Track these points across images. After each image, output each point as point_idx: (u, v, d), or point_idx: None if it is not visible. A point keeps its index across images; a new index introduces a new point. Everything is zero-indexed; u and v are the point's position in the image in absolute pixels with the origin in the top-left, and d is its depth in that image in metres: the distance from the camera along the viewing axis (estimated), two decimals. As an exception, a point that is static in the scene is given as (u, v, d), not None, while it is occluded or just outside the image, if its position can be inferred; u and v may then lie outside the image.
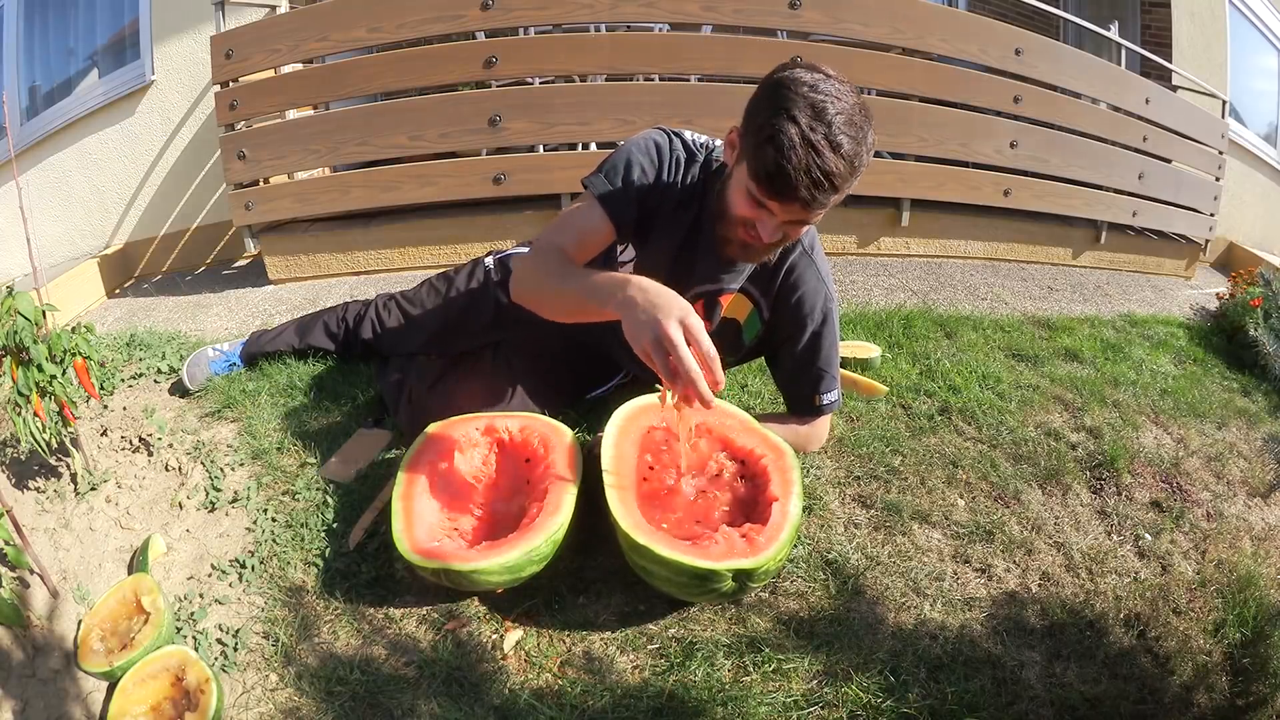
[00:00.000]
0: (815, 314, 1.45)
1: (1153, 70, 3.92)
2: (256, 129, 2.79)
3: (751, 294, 1.48)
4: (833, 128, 1.10)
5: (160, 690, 1.22)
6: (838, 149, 1.10)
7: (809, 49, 2.84)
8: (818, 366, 1.49)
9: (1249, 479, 1.91)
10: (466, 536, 1.36)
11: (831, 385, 1.51)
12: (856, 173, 1.16)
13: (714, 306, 1.50)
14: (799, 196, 1.13)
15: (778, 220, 1.21)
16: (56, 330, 1.48)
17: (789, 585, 1.37)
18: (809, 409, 1.53)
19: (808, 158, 1.10)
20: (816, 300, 1.44)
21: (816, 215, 1.21)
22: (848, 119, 1.12)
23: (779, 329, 1.50)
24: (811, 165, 1.10)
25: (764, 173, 1.14)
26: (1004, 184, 3.14)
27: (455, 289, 1.80)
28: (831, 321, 1.47)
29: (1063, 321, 2.60)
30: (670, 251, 1.45)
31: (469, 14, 2.64)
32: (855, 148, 1.12)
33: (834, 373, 1.51)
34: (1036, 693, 1.23)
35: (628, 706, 1.16)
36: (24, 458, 1.64)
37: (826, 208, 1.19)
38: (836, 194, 1.16)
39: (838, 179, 1.12)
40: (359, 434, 1.72)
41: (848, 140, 1.11)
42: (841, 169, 1.12)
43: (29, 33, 3.35)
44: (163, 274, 3.26)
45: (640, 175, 1.38)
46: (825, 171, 1.11)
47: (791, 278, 1.44)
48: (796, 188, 1.12)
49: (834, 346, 1.49)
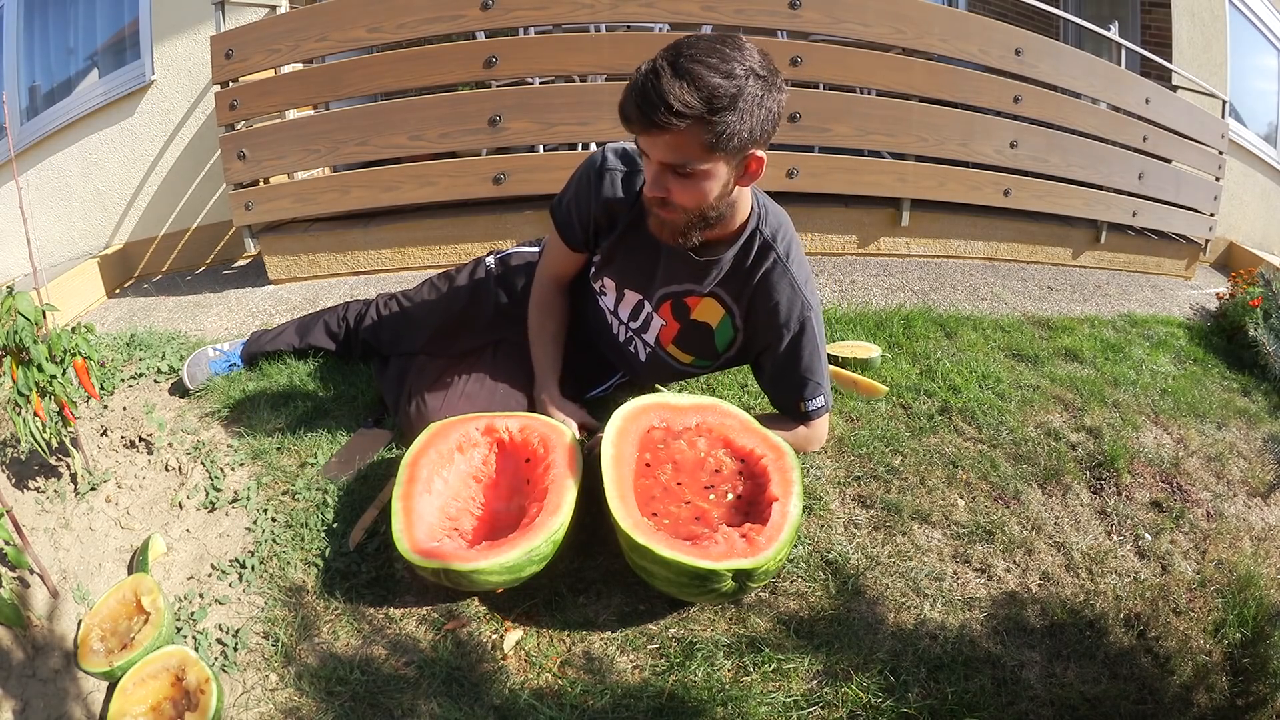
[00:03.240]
0: (792, 323, 1.44)
1: (1153, 70, 3.92)
2: (256, 129, 2.79)
3: (723, 300, 1.47)
4: (680, 58, 1.14)
5: (160, 690, 1.22)
6: (679, 70, 1.12)
7: (809, 49, 2.84)
8: (799, 374, 1.48)
9: (1249, 479, 1.91)
10: (466, 536, 1.36)
11: (816, 392, 1.50)
12: (714, 101, 1.13)
13: (682, 309, 1.50)
14: (629, 112, 1.17)
15: (652, 165, 1.24)
16: (56, 330, 1.49)
17: (789, 585, 1.37)
18: (795, 415, 1.54)
19: (644, 77, 1.15)
20: (792, 310, 1.43)
21: (675, 149, 1.18)
22: (708, 51, 1.14)
23: (756, 337, 1.50)
24: (646, 82, 1.14)
25: None
26: (1004, 184, 3.14)
27: (455, 286, 1.80)
28: (811, 330, 1.46)
29: (1063, 321, 2.60)
30: (634, 258, 1.49)
31: (469, 14, 2.64)
32: (707, 73, 1.12)
33: (818, 379, 1.50)
34: (1036, 693, 1.23)
35: (628, 706, 1.16)
36: (24, 458, 1.64)
37: (674, 135, 1.16)
38: (674, 116, 1.13)
39: (671, 96, 1.12)
40: (359, 434, 1.72)
41: (698, 66, 1.12)
42: (675, 88, 1.12)
43: (29, 33, 3.35)
44: (163, 274, 3.26)
45: (573, 200, 1.50)
46: (656, 88, 1.13)
47: (765, 286, 1.43)
48: (625, 104, 1.17)
49: (815, 354, 1.48)
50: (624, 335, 1.64)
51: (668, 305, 1.51)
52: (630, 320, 1.60)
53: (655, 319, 1.55)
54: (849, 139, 2.90)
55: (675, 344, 1.57)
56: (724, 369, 1.70)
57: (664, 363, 1.62)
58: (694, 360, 1.60)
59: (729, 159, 1.21)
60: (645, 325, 1.58)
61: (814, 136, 2.86)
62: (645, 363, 1.65)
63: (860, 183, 2.97)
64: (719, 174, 1.23)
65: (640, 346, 1.62)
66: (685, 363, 1.61)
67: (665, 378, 1.70)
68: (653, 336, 1.58)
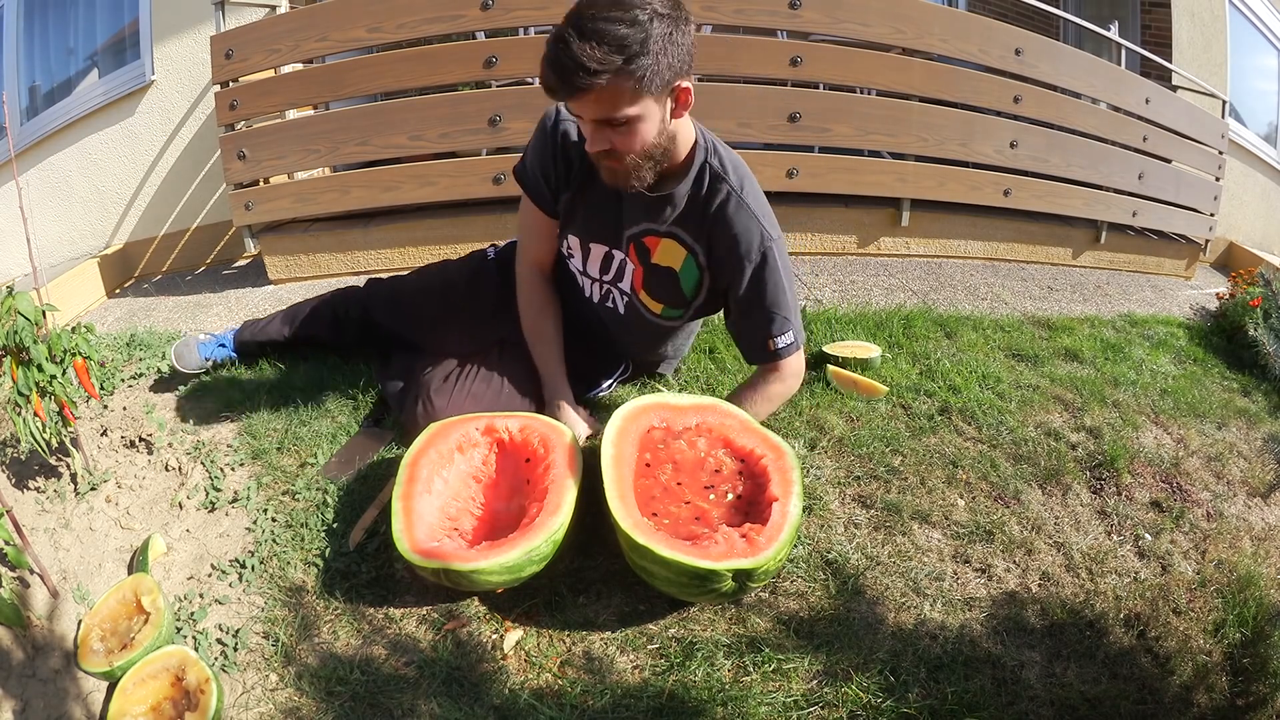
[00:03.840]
0: (753, 253, 1.44)
1: (1153, 70, 3.92)
2: (256, 129, 2.79)
3: (684, 240, 1.48)
4: (584, 17, 1.19)
5: (160, 690, 1.22)
6: (583, 33, 1.17)
7: (809, 49, 2.84)
8: (765, 308, 1.47)
9: (1249, 479, 1.91)
10: (466, 536, 1.36)
11: (785, 327, 1.48)
12: (626, 51, 1.18)
13: (644, 250, 1.51)
14: (549, 84, 1.22)
15: (587, 124, 1.30)
16: (56, 330, 1.49)
17: (789, 585, 1.37)
18: (765, 355, 1.51)
19: (553, 48, 1.20)
20: (751, 240, 1.43)
21: (604, 105, 1.24)
22: (608, 6, 1.19)
23: (721, 275, 1.49)
24: (556, 52, 1.19)
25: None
26: (1004, 184, 3.14)
27: (450, 261, 1.89)
28: (773, 260, 1.45)
29: (1063, 321, 2.60)
30: (595, 211, 1.52)
31: (469, 14, 2.64)
32: (611, 27, 1.17)
33: (785, 314, 1.48)
34: (1036, 693, 1.23)
35: (628, 706, 1.16)
36: (24, 458, 1.64)
37: (600, 93, 1.21)
38: (592, 76, 1.19)
39: (584, 58, 1.17)
40: (359, 434, 1.72)
41: (601, 23, 1.17)
42: (585, 50, 1.17)
43: (29, 33, 3.35)
44: (163, 274, 3.26)
45: (535, 160, 1.55)
46: (568, 55, 1.18)
47: (722, 218, 1.44)
48: (545, 78, 1.22)
49: (780, 287, 1.46)
50: (599, 292, 1.65)
51: (632, 248, 1.53)
52: (602, 274, 1.61)
53: (627, 264, 1.56)
54: (849, 139, 2.90)
55: (645, 290, 1.57)
56: (698, 317, 1.67)
57: (641, 314, 1.62)
58: (664, 310, 1.59)
59: (657, 97, 1.27)
60: (620, 273, 1.59)
61: (814, 136, 2.86)
62: (625, 315, 1.65)
63: (860, 183, 2.97)
64: (652, 114, 1.29)
65: (618, 297, 1.63)
66: (656, 312, 1.60)
67: (646, 336, 1.70)
68: (628, 284, 1.59)
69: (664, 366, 1.90)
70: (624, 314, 1.65)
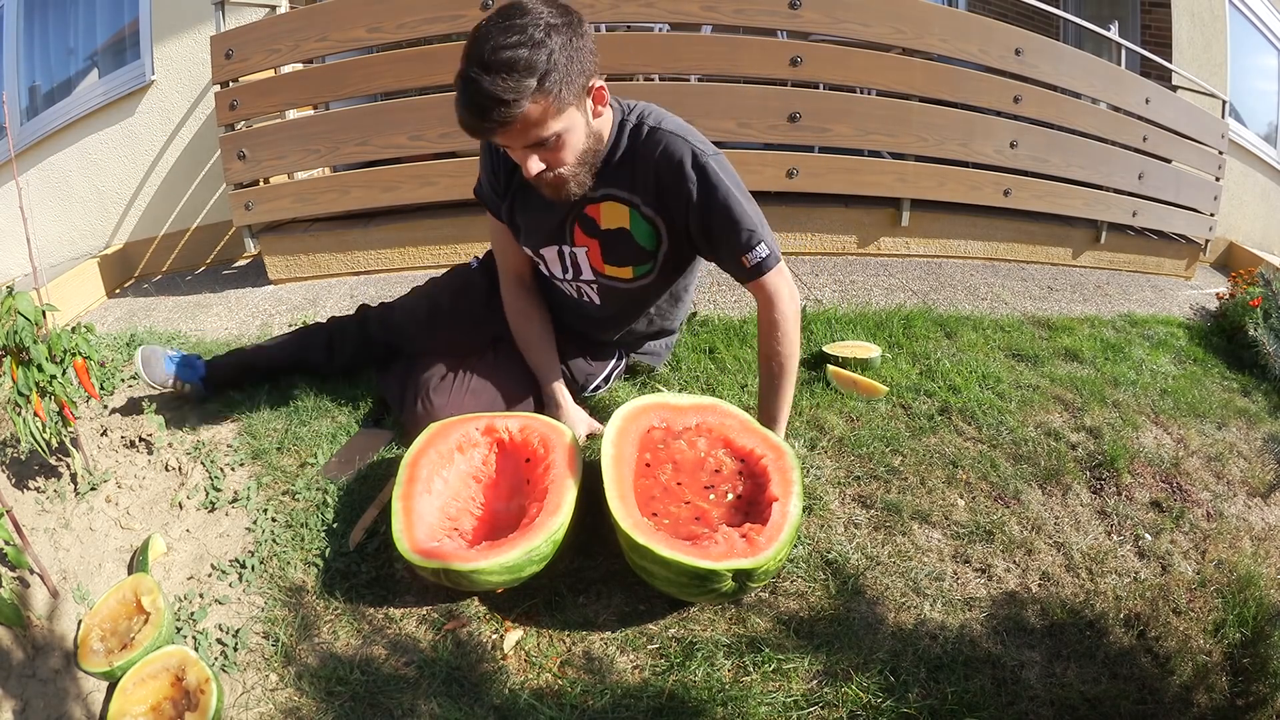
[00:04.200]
0: (687, 170, 1.39)
1: (1153, 70, 3.92)
2: (256, 129, 2.79)
3: (619, 196, 1.46)
4: (484, 53, 1.18)
5: (160, 690, 1.22)
6: (488, 68, 1.17)
7: (809, 49, 2.84)
8: (726, 227, 1.41)
9: (1249, 479, 1.91)
10: (466, 536, 1.36)
11: (754, 240, 1.41)
12: (535, 72, 1.19)
13: (589, 222, 1.50)
14: (474, 127, 1.23)
15: (517, 152, 1.30)
16: (56, 330, 1.49)
17: (789, 585, 1.37)
18: (744, 274, 1.45)
19: (464, 91, 1.20)
20: (681, 157, 1.39)
21: (530, 130, 1.24)
22: (501, 33, 1.18)
23: (672, 213, 1.46)
24: (470, 95, 1.19)
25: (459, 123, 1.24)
26: (1004, 184, 3.14)
27: (436, 277, 1.89)
28: (713, 174, 1.39)
29: (1063, 321, 2.60)
30: (535, 216, 1.53)
31: (469, 14, 2.64)
32: (513, 54, 1.17)
33: (750, 226, 1.41)
34: (1036, 693, 1.23)
35: (628, 706, 1.16)
36: (24, 458, 1.64)
37: (523, 120, 1.22)
38: (510, 107, 1.19)
39: (500, 92, 1.17)
40: (359, 434, 1.72)
41: (504, 53, 1.17)
42: (496, 85, 1.17)
43: (29, 33, 3.35)
44: (163, 274, 3.26)
45: (484, 174, 1.58)
46: (482, 93, 1.18)
47: (647, 154, 1.41)
48: (467, 122, 1.23)
49: (733, 199, 1.40)
50: (573, 291, 1.65)
51: (578, 228, 1.52)
52: (567, 274, 1.61)
53: (579, 250, 1.55)
54: (849, 139, 2.90)
55: (606, 261, 1.55)
56: (677, 268, 1.61)
57: (617, 291, 1.61)
58: (634, 271, 1.56)
59: (576, 104, 1.29)
60: (578, 264, 1.58)
61: (814, 136, 2.86)
62: (602, 302, 1.64)
63: (860, 183, 2.97)
64: (576, 122, 1.30)
65: (587, 288, 1.63)
66: (628, 278, 1.57)
67: (630, 308, 1.68)
68: (588, 268, 1.58)
69: (659, 346, 1.87)
70: (601, 302, 1.65)
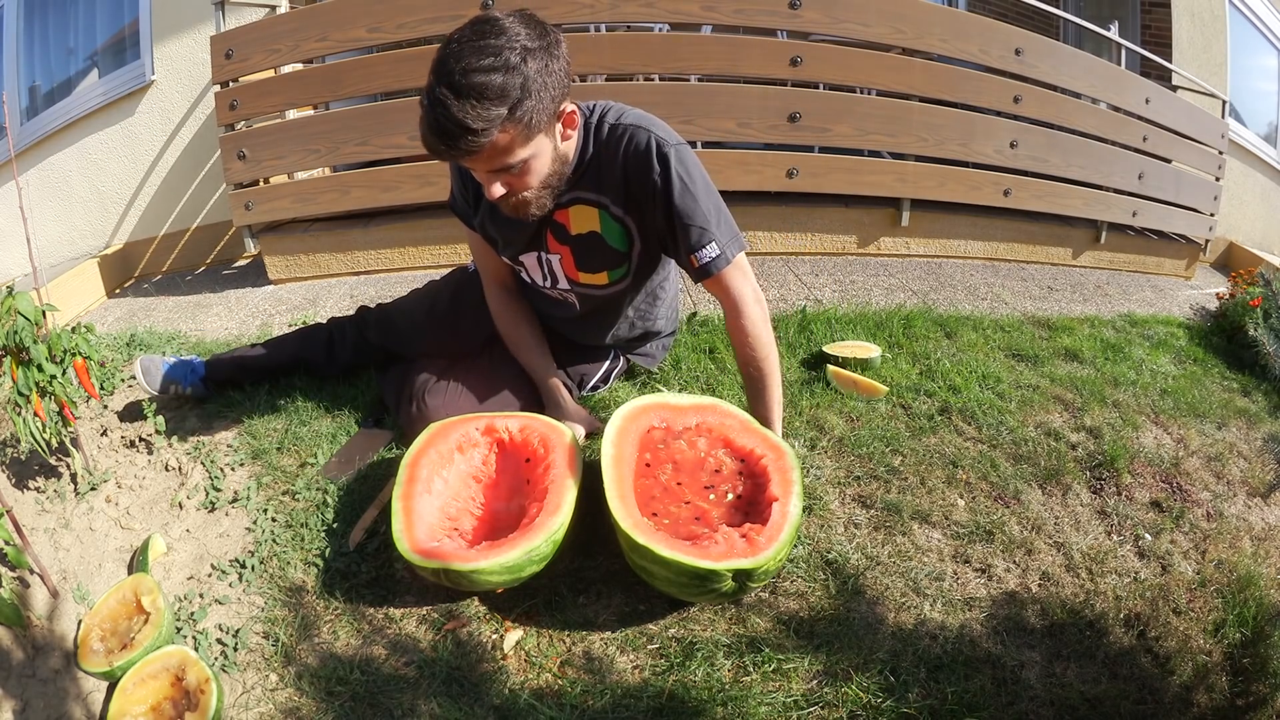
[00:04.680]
0: (652, 163, 1.35)
1: (1153, 70, 3.92)
2: (256, 129, 2.79)
3: (587, 199, 1.43)
4: (454, 73, 1.12)
5: (160, 690, 1.22)
6: (459, 92, 1.12)
7: (809, 49, 2.84)
8: (681, 222, 1.37)
9: (1249, 479, 1.91)
10: (466, 536, 1.36)
11: (704, 239, 1.37)
12: (507, 99, 1.14)
13: (560, 229, 1.49)
14: (446, 152, 1.18)
15: (481, 174, 1.27)
16: (56, 330, 1.49)
17: (789, 585, 1.37)
18: (694, 273, 1.41)
19: (431, 112, 1.14)
20: (643, 147, 1.35)
21: (497, 156, 1.21)
22: (475, 54, 1.13)
23: (643, 210, 1.42)
24: (437, 117, 1.14)
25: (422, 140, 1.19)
26: (1004, 184, 3.14)
27: (435, 280, 1.87)
28: (674, 164, 1.35)
29: (1063, 321, 2.60)
30: (508, 227, 1.50)
31: (468, 14, 2.57)
32: (486, 79, 1.12)
33: (701, 223, 1.37)
34: (1036, 693, 1.23)
35: (628, 706, 1.16)
36: (24, 458, 1.64)
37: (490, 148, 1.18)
38: (480, 136, 1.14)
39: (469, 119, 1.13)
40: (359, 434, 1.72)
41: (477, 76, 1.12)
42: (467, 112, 1.12)
43: (29, 33, 3.35)
44: (163, 274, 3.26)
45: (456, 187, 1.56)
46: (450, 119, 1.13)
47: (609, 150, 1.38)
48: (433, 145, 1.18)
49: (689, 193, 1.36)
50: (556, 296, 1.64)
51: (549, 236, 1.50)
52: (546, 282, 1.60)
53: (554, 259, 1.54)
54: (849, 139, 2.90)
55: (580, 269, 1.53)
56: (650, 266, 1.58)
57: (594, 297, 1.60)
58: (610, 276, 1.54)
59: (546, 131, 1.25)
60: (554, 272, 1.57)
61: (814, 136, 2.86)
62: (580, 309, 1.64)
63: (860, 183, 2.97)
64: (543, 149, 1.27)
65: (566, 294, 1.62)
66: (605, 283, 1.55)
67: (610, 312, 1.67)
68: (563, 278, 1.57)
69: (652, 347, 1.87)
70: (580, 308, 1.64)
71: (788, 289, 2.68)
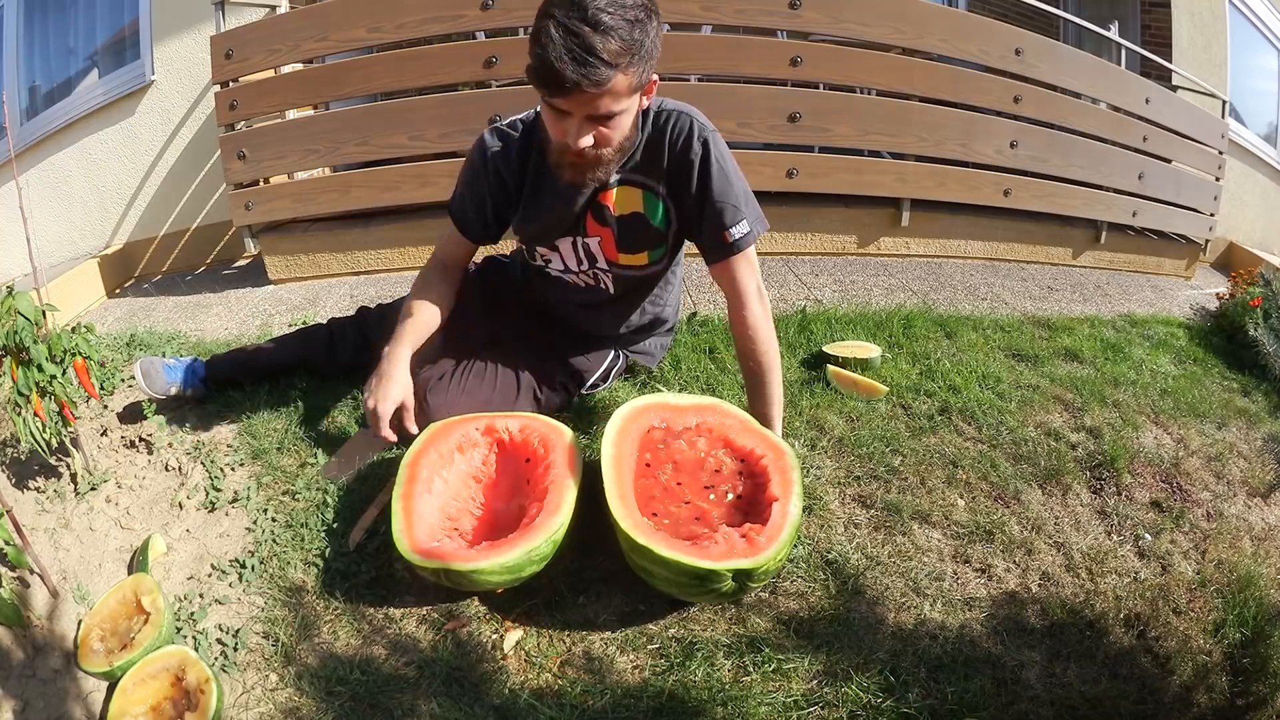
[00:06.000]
0: (694, 145, 1.42)
1: (1153, 70, 3.92)
2: (256, 129, 2.79)
3: (634, 180, 1.47)
4: (588, 10, 1.15)
5: (160, 690, 1.22)
6: (597, 25, 1.15)
7: (809, 49, 2.84)
8: (719, 199, 1.44)
9: (1249, 479, 1.91)
10: (466, 536, 1.36)
11: (738, 217, 1.45)
12: (633, 49, 1.19)
13: (602, 211, 1.50)
14: (568, 79, 1.17)
15: (576, 119, 1.27)
16: (56, 330, 1.49)
17: (789, 585, 1.37)
18: (723, 249, 1.47)
19: (565, 40, 1.15)
20: (691, 133, 1.42)
21: (606, 100, 1.23)
22: (610, 1, 1.17)
23: (680, 191, 1.47)
24: (571, 45, 1.15)
25: (536, 73, 1.20)
26: (1004, 184, 3.14)
27: None
28: (714, 148, 1.43)
29: (1063, 321, 2.60)
30: (548, 215, 1.52)
31: (469, 14, 2.64)
32: (619, 22, 1.16)
33: (735, 203, 1.45)
34: (1036, 693, 1.23)
35: (628, 706, 1.16)
36: (24, 458, 1.64)
37: (611, 88, 1.20)
38: (611, 69, 1.18)
39: (603, 52, 1.16)
40: (359, 434, 1.72)
41: (608, 16, 1.16)
42: (604, 44, 1.15)
43: (29, 33, 3.35)
44: (163, 274, 3.26)
45: (468, 195, 1.56)
46: (586, 47, 1.15)
47: (658, 135, 1.43)
48: (563, 72, 1.16)
49: (726, 177, 1.44)
50: (586, 281, 1.65)
51: (590, 218, 1.52)
52: (581, 265, 1.61)
53: (592, 241, 1.55)
54: (849, 139, 2.90)
55: (621, 249, 1.55)
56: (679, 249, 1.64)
57: (630, 277, 1.61)
58: (650, 256, 1.57)
59: (641, 92, 1.30)
60: (593, 256, 1.58)
61: (814, 136, 2.86)
62: (616, 291, 1.65)
63: (860, 183, 2.97)
64: (633, 108, 1.31)
65: (603, 276, 1.63)
66: (644, 264, 1.59)
67: (639, 293, 1.69)
68: (602, 259, 1.58)
69: (653, 345, 1.87)
70: (614, 291, 1.65)
71: (788, 289, 2.68)
